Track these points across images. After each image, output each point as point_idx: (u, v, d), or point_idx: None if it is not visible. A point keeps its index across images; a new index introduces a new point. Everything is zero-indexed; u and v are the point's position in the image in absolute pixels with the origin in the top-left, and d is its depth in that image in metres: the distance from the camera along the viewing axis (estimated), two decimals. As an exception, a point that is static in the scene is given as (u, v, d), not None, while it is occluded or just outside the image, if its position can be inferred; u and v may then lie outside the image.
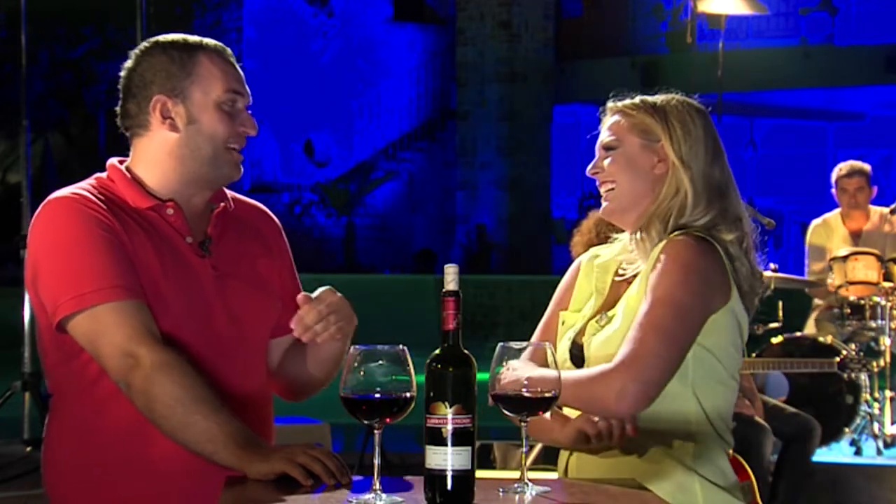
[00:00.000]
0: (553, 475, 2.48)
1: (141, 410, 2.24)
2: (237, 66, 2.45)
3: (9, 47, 13.30)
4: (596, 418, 2.32)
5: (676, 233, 2.41)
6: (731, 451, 2.51)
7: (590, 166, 2.52)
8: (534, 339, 2.59)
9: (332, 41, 19.20)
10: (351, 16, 19.80)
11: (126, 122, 2.43)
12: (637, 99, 2.51)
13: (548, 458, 3.64)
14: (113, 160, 2.45)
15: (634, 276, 2.47)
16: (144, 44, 2.45)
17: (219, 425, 2.18)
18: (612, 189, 2.48)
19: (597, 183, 2.53)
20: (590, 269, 2.57)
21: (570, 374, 2.33)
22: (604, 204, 2.51)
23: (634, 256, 2.47)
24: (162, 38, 2.44)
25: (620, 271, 2.52)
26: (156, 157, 2.41)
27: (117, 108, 2.44)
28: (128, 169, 2.43)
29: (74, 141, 18.69)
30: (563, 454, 2.50)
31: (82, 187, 2.38)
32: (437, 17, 20.48)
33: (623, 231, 2.56)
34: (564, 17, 19.06)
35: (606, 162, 2.49)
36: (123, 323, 2.25)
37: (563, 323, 2.55)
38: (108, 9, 14.97)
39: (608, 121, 2.52)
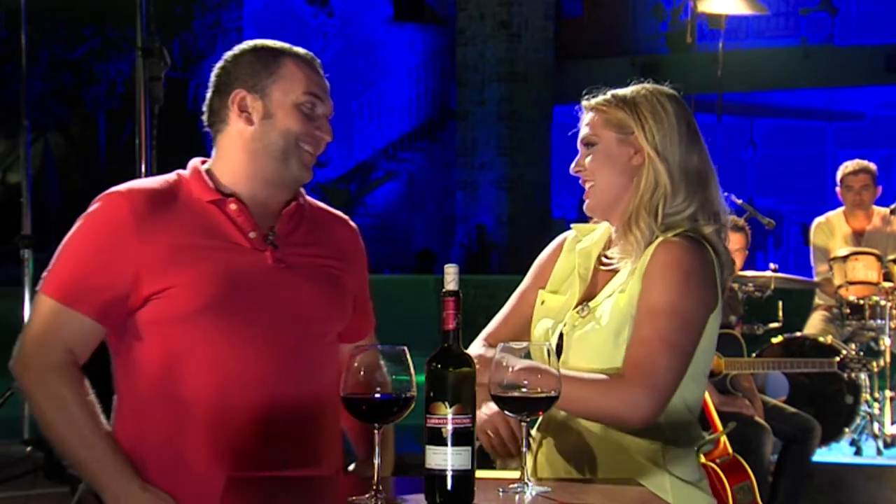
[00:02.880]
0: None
1: (32, 409, 2.41)
2: (323, 76, 2.51)
3: (9, 47, 13.30)
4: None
5: (668, 234, 2.41)
6: (729, 447, 2.51)
7: (573, 164, 2.54)
8: (507, 308, 2.62)
9: (332, 41, 19.20)
10: (351, 16, 19.80)
11: (210, 119, 2.50)
12: (608, 94, 2.53)
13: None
14: (196, 159, 2.53)
15: (619, 268, 2.47)
16: (238, 46, 2.52)
17: (89, 453, 2.34)
18: (593, 186, 2.50)
19: (580, 181, 2.54)
20: (571, 249, 2.59)
21: (571, 377, 2.30)
22: (586, 201, 2.53)
23: (624, 249, 2.46)
24: (255, 41, 2.51)
25: (605, 260, 2.52)
26: (231, 150, 2.47)
27: (204, 106, 2.51)
28: (207, 170, 2.49)
29: (74, 141, 18.68)
30: (531, 452, 2.50)
31: (152, 179, 2.49)
32: (437, 17, 20.48)
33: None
34: (564, 17, 19.05)
35: (587, 160, 2.51)
36: (48, 324, 2.38)
37: (542, 302, 2.56)
38: (108, 9, 14.96)
39: (584, 119, 2.54)
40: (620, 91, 2.52)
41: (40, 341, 2.37)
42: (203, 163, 2.52)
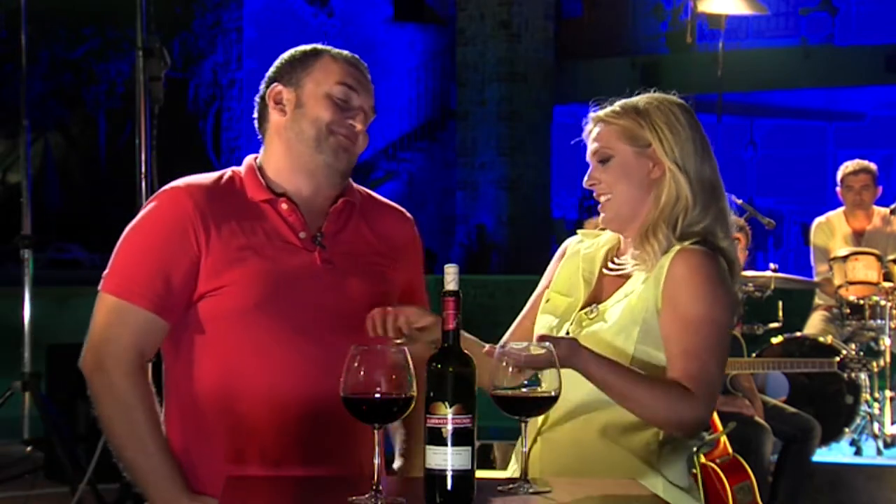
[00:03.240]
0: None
1: (97, 409, 2.41)
2: (365, 74, 2.55)
3: (9, 47, 13.31)
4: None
5: (685, 243, 2.40)
6: (729, 447, 2.51)
7: (586, 178, 2.51)
8: (521, 316, 2.62)
9: (332, 41, 19.04)
10: (351, 16, 19.80)
11: (258, 123, 2.55)
12: (617, 105, 2.50)
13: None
14: (250, 156, 2.56)
15: (629, 273, 2.47)
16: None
17: (146, 462, 2.37)
18: (609, 199, 2.48)
19: (594, 194, 2.52)
20: (575, 254, 2.58)
21: (640, 377, 2.31)
22: (602, 214, 2.51)
23: (640, 258, 2.45)
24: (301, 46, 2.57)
25: (612, 265, 2.52)
26: (271, 144, 2.51)
27: (254, 113, 2.56)
28: (259, 166, 2.52)
29: (74, 141, 18.70)
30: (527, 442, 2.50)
31: (209, 175, 2.51)
32: (437, 17, 20.49)
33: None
34: (564, 17, 19.05)
35: (603, 174, 2.48)
36: (115, 323, 2.38)
37: (547, 300, 2.56)
38: (108, 9, 14.98)
39: (594, 131, 2.51)
40: (630, 101, 2.50)
41: (110, 343, 2.38)
42: (255, 159, 2.55)
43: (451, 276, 1.99)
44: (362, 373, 1.96)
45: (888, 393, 6.15)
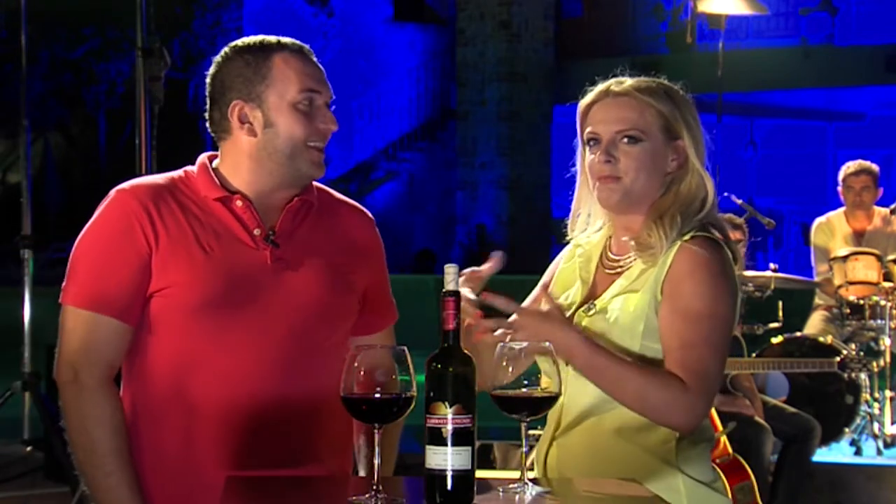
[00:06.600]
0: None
1: (64, 421, 2.42)
2: (315, 64, 2.47)
3: (9, 47, 13.30)
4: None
5: (687, 237, 2.37)
6: (729, 447, 2.48)
7: (601, 154, 2.40)
8: None
9: (332, 41, 19.20)
10: (351, 16, 19.80)
11: (212, 128, 2.49)
12: (652, 83, 2.45)
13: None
14: (204, 155, 2.51)
15: (623, 269, 2.44)
16: (224, 49, 2.48)
17: (104, 481, 2.36)
18: (622, 181, 2.40)
19: (605, 170, 2.41)
20: (572, 256, 2.56)
21: (633, 366, 2.28)
22: (606, 193, 2.41)
23: (643, 243, 2.40)
24: (239, 41, 2.48)
25: (608, 262, 2.48)
26: (238, 159, 2.45)
27: (205, 114, 2.50)
28: (215, 168, 2.47)
29: (74, 141, 18.69)
30: (542, 448, 2.48)
31: (158, 176, 2.49)
32: (437, 17, 20.48)
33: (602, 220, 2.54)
34: (564, 17, 19.05)
35: (627, 156, 2.39)
36: (85, 335, 2.36)
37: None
38: (108, 9, 14.96)
39: (620, 100, 2.44)
40: (659, 83, 2.46)
41: (83, 355, 2.36)
42: (212, 159, 2.50)
43: (451, 276, 1.99)
44: (362, 373, 1.96)
45: (888, 393, 6.15)
